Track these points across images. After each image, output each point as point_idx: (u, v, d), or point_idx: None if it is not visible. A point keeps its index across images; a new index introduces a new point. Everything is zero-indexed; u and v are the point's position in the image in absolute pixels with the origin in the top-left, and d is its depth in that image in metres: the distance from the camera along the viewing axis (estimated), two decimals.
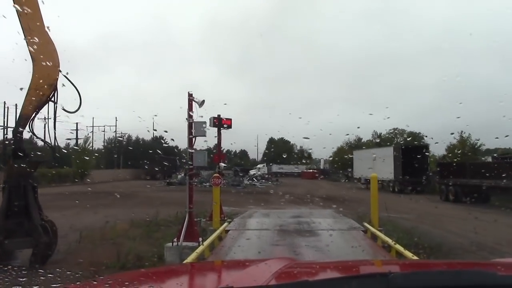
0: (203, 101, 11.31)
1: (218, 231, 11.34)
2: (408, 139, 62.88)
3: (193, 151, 11.15)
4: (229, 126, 15.47)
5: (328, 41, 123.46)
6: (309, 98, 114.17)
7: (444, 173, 32.44)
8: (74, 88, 11.07)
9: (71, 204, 25.80)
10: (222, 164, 15.39)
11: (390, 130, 71.51)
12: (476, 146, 44.49)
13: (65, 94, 11.25)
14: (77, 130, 71.90)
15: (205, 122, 11.25)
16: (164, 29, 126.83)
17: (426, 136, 53.90)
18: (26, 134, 10.86)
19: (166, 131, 61.56)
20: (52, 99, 10.75)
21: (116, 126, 77.85)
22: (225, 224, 12.36)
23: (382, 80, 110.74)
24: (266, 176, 66.18)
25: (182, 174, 51.80)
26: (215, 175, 13.75)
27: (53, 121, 10.72)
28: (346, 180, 55.83)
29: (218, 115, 15.53)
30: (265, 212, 18.22)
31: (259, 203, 25.66)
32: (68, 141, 61.55)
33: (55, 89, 10.77)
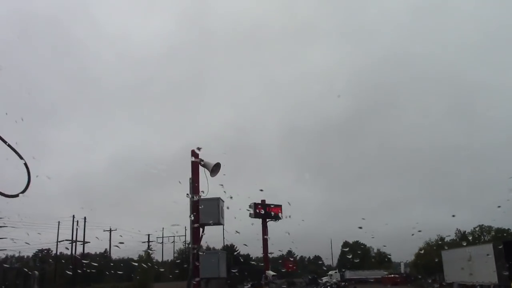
0: (218, 164, 6.36)
1: None
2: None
3: (199, 251, 6.00)
4: (278, 216, 10.27)
5: (404, 141, 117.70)
6: (385, 199, 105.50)
7: None
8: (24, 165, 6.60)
9: None
10: (270, 273, 10.01)
11: (475, 227, 63.45)
12: None
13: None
14: (148, 241, 68.94)
15: (219, 200, 6.17)
16: (243, 138, 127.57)
17: None
18: None
19: (245, 245, 55.36)
20: None
21: (185, 236, 74.23)
22: None
23: (462, 176, 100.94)
24: (342, 284, 57.67)
25: (249, 285, 45.21)
26: None
27: None
28: (436, 286, 47.15)
29: (262, 200, 10.46)
30: None
31: None
32: (141, 253, 58.29)
33: None
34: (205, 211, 6.30)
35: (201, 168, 7.01)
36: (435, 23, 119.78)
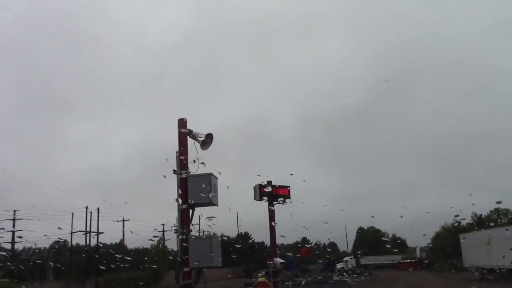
0: (209, 135, 5.35)
1: None
2: None
3: (185, 236, 5.03)
4: (286, 197, 9.24)
5: (421, 125, 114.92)
6: (402, 185, 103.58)
7: None
8: None
9: None
10: (279, 260, 9.03)
11: (491, 210, 62.03)
12: None
13: None
14: (163, 230, 68.34)
15: (211, 176, 5.19)
16: (258, 127, 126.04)
17: None
18: None
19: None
20: None
21: (199, 224, 73.74)
22: None
23: (479, 160, 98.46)
24: (358, 270, 56.58)
25: (263, 273, 44.45)
26: (259, 280, 7.31)
27: None
28: (453, 270, 46.21)
29: (268, 181, 9.44)
30: None
31: None
32: (151, 241, 57.82)
33: None
34: (193, 190, 5.34)
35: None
36: (451, 6, 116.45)
